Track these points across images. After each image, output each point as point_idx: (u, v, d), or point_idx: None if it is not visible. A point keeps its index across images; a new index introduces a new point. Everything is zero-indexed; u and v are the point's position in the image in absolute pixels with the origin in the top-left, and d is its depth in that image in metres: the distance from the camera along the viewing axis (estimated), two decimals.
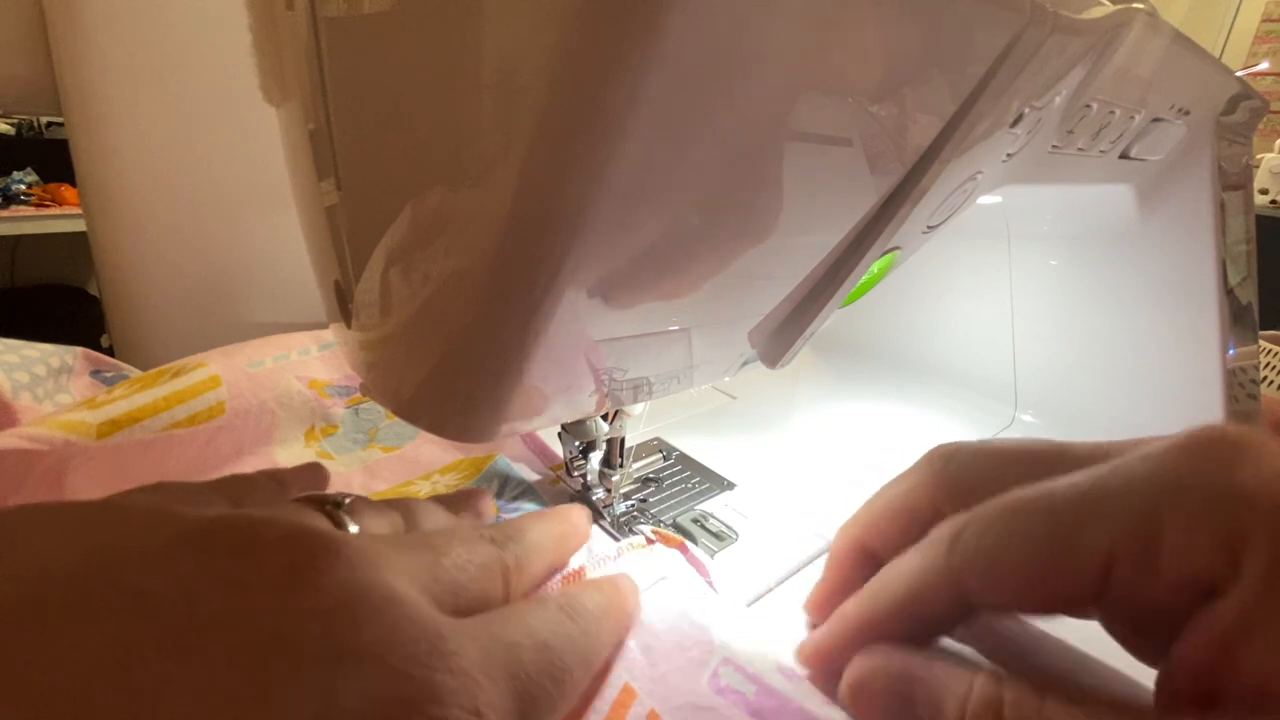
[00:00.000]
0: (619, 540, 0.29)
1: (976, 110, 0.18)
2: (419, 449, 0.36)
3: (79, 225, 1.15)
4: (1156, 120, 0.31)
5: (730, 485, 0.36)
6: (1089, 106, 0.25)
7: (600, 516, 0.31)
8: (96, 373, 0.36)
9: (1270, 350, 0.65)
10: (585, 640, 0.18)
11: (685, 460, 0.38)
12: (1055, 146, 0.26)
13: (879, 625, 0.19)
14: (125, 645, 0.12)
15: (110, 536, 0.14)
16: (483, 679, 0.14)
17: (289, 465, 0.33)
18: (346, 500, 0.19)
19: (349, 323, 0.20)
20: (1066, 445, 0.19)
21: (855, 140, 0.16)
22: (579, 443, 0.31)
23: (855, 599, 0.20)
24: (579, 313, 0.16)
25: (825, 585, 0.23)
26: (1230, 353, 0.39)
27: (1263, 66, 2.13)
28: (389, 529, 0.20)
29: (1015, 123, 0.20)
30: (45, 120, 1.67)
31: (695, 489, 0.35)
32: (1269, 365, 0.65)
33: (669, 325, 0.19)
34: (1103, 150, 0.29)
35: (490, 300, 0.15)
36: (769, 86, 0.14)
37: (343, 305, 0.20)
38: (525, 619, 0.17)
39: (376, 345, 0.19)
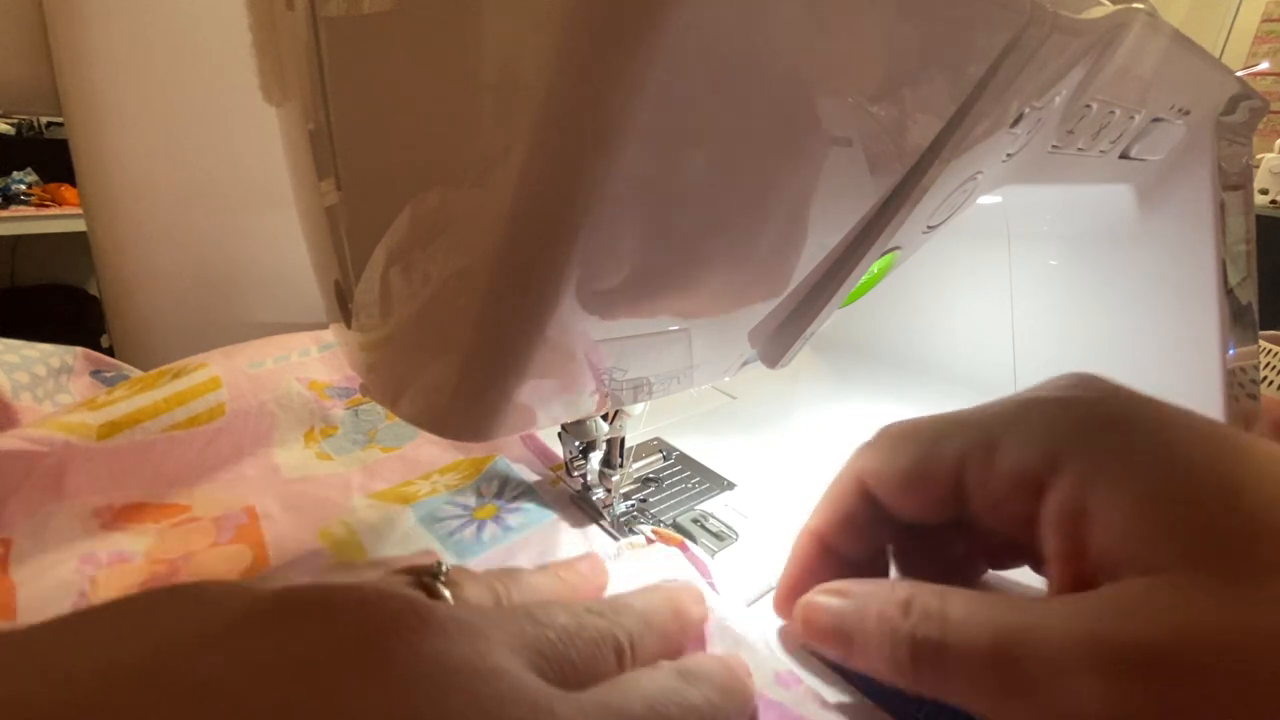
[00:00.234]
0: (619, 540, 0.29)
1: (976, 110, 0.18)
2: (419, 449, 0.36)
3: (79, 225, 1.15)
4: (1156, 120, 0.31)
5: (730, 485, 0.36)
6: (1089, 106, 0.25)
7: (600, 516, 0.31)
8: (96, 373, 0.36)
9: (1270, 350, 0.65)
10: (709, 710, 0.17)
11: (685, 460, 0.38)
12: (1055, 146, 0.26)
13: (821, 538, 0.22)
14: None
15: (175, 621, 0.13)
16: None
17: (289, 467, 0.33)
18: (444, 569, 0.18)
19: (349, 323, 0.20)
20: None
21: (855, 140, 0.16)
22: (579, 443, 0.31)
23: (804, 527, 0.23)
24: (579, 313, 0.16)
25: (786, 580, 0.23)
26: (1230, 353, 0.39)
27: (1263, 66, 2.13)
28: (491, 598, 0.19)
29: (1015, 123, 0.20)
30: (45, 120, 1.67)
31: (695, 489, 0.35)
32: (1269, 365, 0.65)
33: (669, 325, 0.19)
34: (1103, 150, 0.29)
35: (490, 300, 0.15)
36: (769, 86, 0.14)
37: (343, 305, 0.20)
38: (640, 685, 0.16)
39: (376, 345, 0.19)
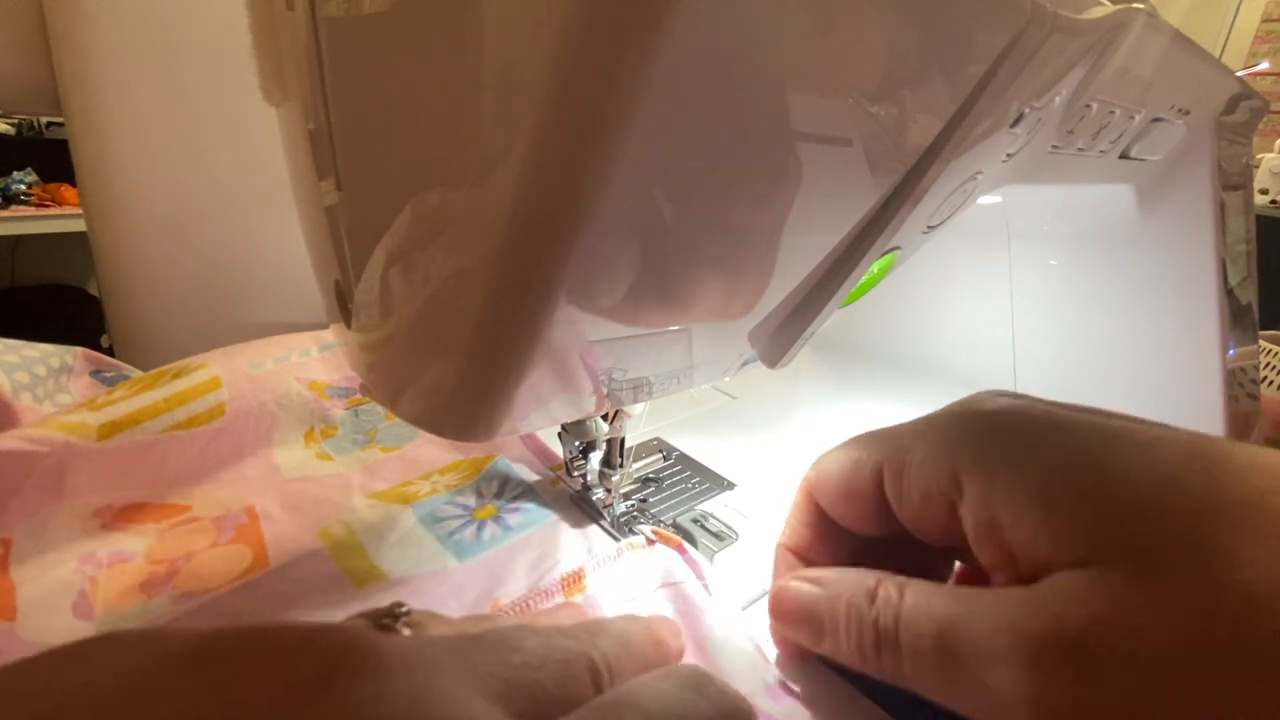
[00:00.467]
0: (619, 540, 0.29)
1: (976, 110, 0.18)
2: (419, 449, 0.36)
3: (79, 225, 1.15)
4: (1156, 120, 0.31)
5: (730, 485, 0.36)
6: (1089, 106, 0.25)
7: (600, 516, 0.31)
8: (97, 373, 0.36)
9: (1270, 350, 0.65)
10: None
11: (685, 460, 0.38)
12: (1055, 146, 0.26)
13: (794, 550, 0.22)
14: None
15: (89, 672, 0.12)
16: None
17: (289, 467, 0.33)
18: (405, 610, 0.17)
19: (349, 323, 0.20)
20: None
21: (855, 140, 0.16)
22: (579, 443, 0.31)
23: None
24: (579, 313, 0.16)
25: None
26: (1230, 353, 0.39)
27: (1263, 66, 2.13)
28: (453, 633, 0.17)
29: (1015, 123, 0.20)
30: (45, 120, 1.67)
31: (695, 489, 0.35)
32: (1269, 365, 0.65)
33: (669, 325, 0.19)
34: (1103, 150, 0.29)
35: (490, 300, 0.15)
36: (769, 86, 0.14)
37: (343, 305, 0.20)
38: (637, 698, 0.15)
39: (376, 345, 0.19)
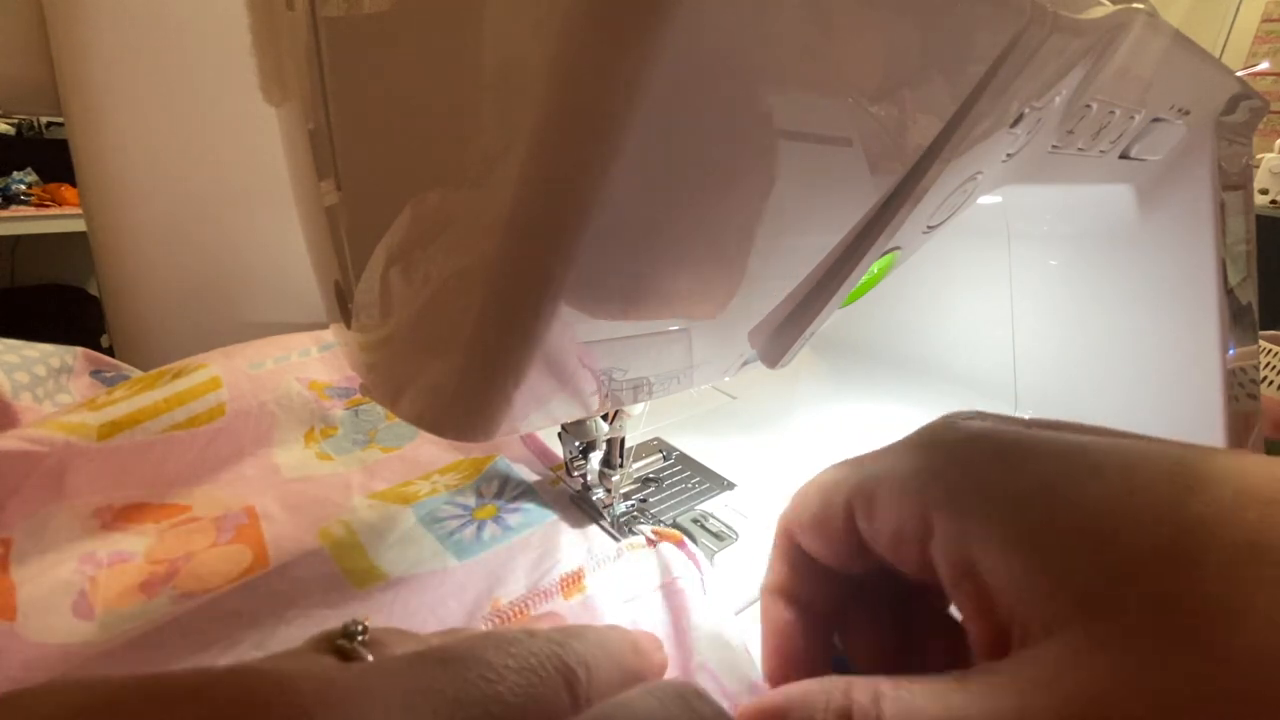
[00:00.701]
0: (619, 540, 0.29)
1: (976, 110, 0.18)
2: (419, 449, 0.36)
3: (79, 225, 1.15)
4: (1156, 120, 0.31)
5: (730, 485, 0.36)
6: (1089, 106, 0.25)
7: (600, 516, 0.31)
8: (97, 373, 0.36)
9: (1270, 350, 0.65)
10: None
11: (685, 460, 0.38)
12: (1055, 146, 0.26)
13: (780, 592, 0.20)
14: None
15: None
16: None
17: (289, 467, 0.33)
18: (362, 628, 0.15)
19: (349, 323, 0.20)
20: None
21: (855, 140, 0.16)
22: (579, 443, 0.31)
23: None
24: (579, 313, 0.16)
25: (766, 651, 0.21)
26: (1230, 353, 0.39)
27: (1263, 66, 2.13)
28: (411, 651, 0.16)
29: (1015, 123, 0.20)
30: (45, 120, 1.67)
31: (695, 489, 0.35)
32: (1269, 365, 0.65)
33: (669, 325, 0.19)
34: (1103, 150, 0.29)
35: (490, 300, 0.15)
36: (769, 86, 0.14)
37: (343, 305, 0.20)
38: (624, 713, 0.14)
39: (376, 346, 0.19)
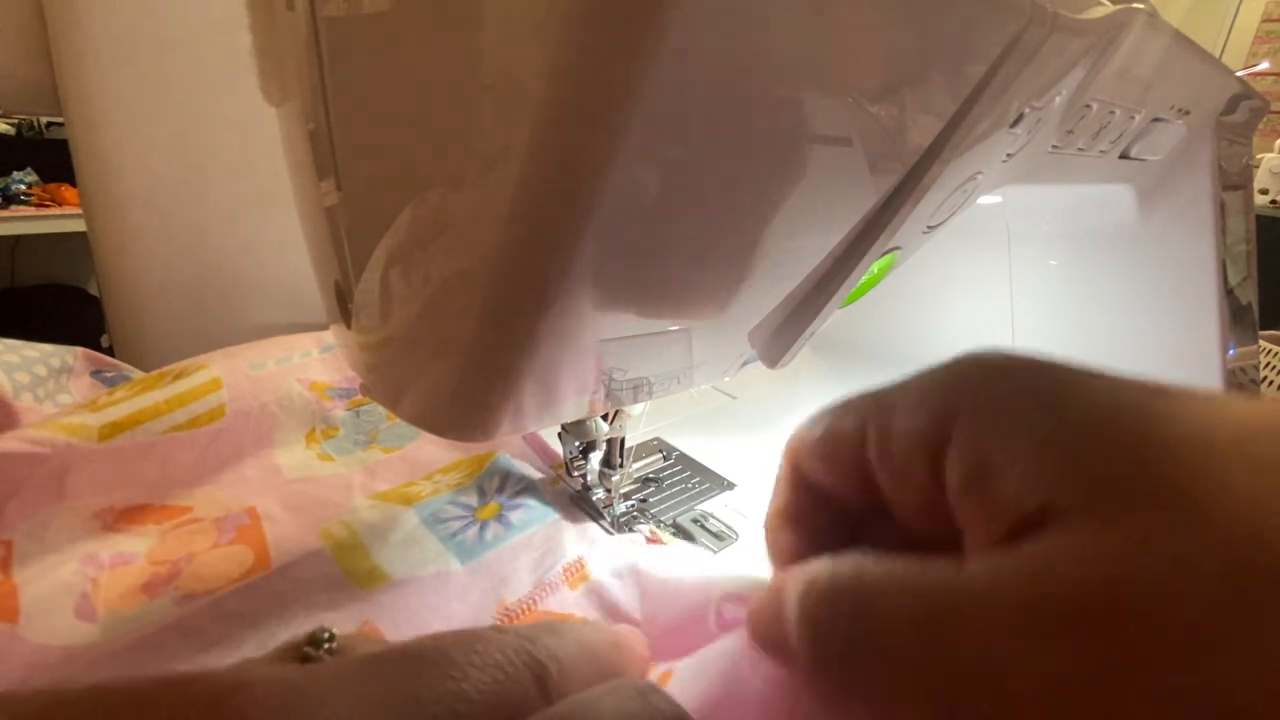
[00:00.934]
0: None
1: (976, 110, 0.18)
2: (420, 449, 0.36)
3: (79, 225, 1.15)
4: (1156, 120, 0.31)
5: (730, 485, 0.36)
6: (1089, 106, 0.25)
7: (600, 516, 0.31)
8: (97, 373, 0.36)
9: (1270, 350, 0.65)
10: None
11: (685, 460, 0.38)
12: (1055, 146, 0.26)
13: (782, 512, 0.20)
14: None
15: None
16: None
17: (290, 467, 0.33)
18: (328, 635, 0.15)
19: (349, 323, 0.20)
20: None
21: (855, 140, 0.16)
22: (579, 443, 0.31)
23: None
24: (579, 313, 0.16)
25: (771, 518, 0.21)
26: (1230, 353, 0.39)
27: (1263, 66, 2.13)
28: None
29: (1015, 123, 0.20)
30: (45, 120, 1.67)
31: (695, 489, 0.35)
32: (1269, 365, 0.65)
33: (669, 325, 0.19)
34: (1103, 150, 0.29)
35: (490, 301, 0.15)
36: (769, 86, 0.14)
37: (343, 306, 0.20)
38: (587, 712, 0.13)
39: (376, 346, 0.19)
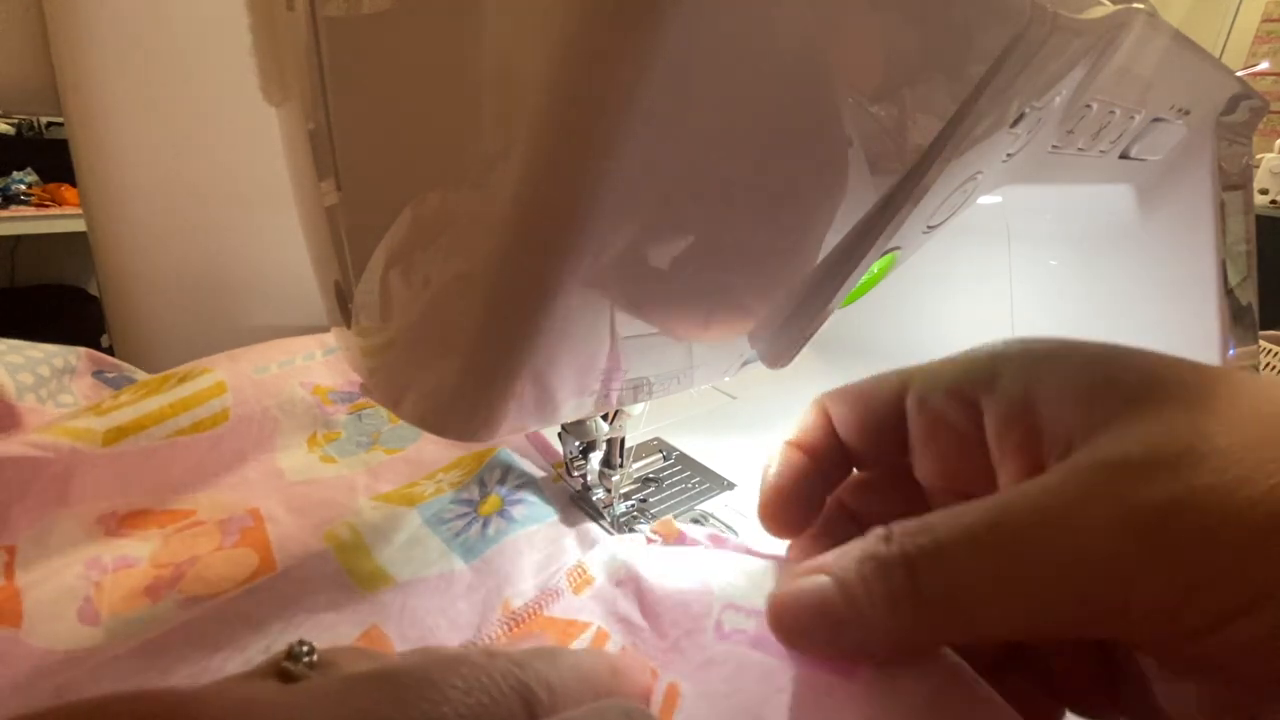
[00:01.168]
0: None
1: (977, 110, 0.18)
2: (422, 450, 0.36)
3: (79, 225, 1.15)
4: (1156, 120, 0.31)
5: (730, 485, 0.36)
6: (1089, 106, 0.25)
7: (600, 516, 0.31)
8: (99, 373, 0.36)
9: (1270, 350, 0.65)
10: None
11: (685, 460, 0.38)
12: (1055, 146, 0.26)
13: (798, 440, 0.21)
14: None
15: None
16: None
17: (293, 470, 0.33)
18: (307, 649, 0.14)
19: (349, 324, 0.20)
20: None
21: (855, 140, 0.16)
22: (579, 443, 0.31)
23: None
24: (580, 314, 0.16)
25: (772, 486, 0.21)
26: (1230, 353, 0.39)
27: (1263, 66, 2.13)
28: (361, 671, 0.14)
29: (1015, 123, 0.20)
30: (45, 120, 1.67)
31: (695, 489, 0.35)
32: (1269, 365, 0.65)
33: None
34: (1103, 150, 0.29)
35: (491, 301, 0.15)
36: (769, 86, 0.14)
37: (343, 307, 0.20)
38: None
39: (377, 348, 0.19)
